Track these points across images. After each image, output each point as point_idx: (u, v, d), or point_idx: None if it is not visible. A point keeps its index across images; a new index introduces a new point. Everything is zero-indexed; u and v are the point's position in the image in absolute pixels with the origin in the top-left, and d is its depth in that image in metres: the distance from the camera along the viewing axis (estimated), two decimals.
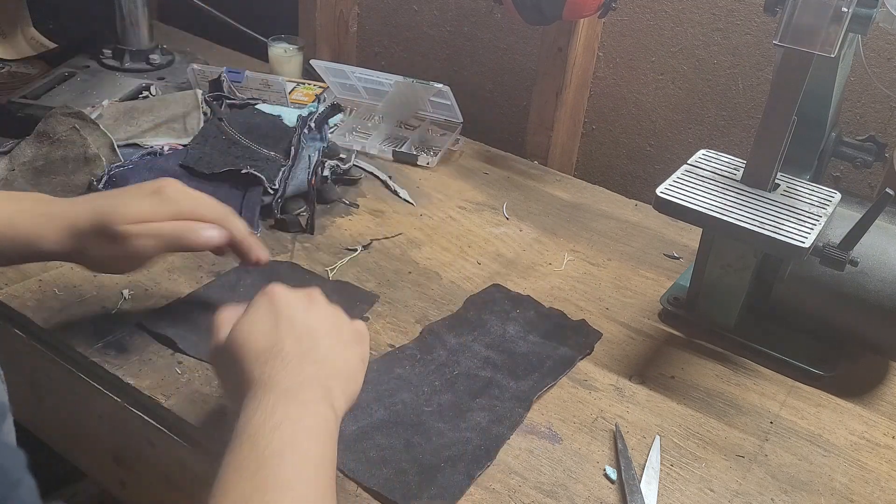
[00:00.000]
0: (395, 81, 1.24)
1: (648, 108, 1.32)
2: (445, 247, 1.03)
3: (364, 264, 0.98)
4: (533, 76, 1.32)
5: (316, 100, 1.23)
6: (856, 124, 1.15)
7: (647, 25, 1.27)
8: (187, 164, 1.02)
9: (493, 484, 0.71)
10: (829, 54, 0.76)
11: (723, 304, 0.91)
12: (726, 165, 0.90)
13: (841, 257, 0.79)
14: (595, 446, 0.76)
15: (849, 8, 0.75)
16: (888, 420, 0.84)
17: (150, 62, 1.33)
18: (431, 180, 1.18)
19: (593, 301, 0.96)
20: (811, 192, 0.86)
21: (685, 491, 0.73)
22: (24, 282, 0.87)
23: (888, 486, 0.76)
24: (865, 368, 0.90)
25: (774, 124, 0.82)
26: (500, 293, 0.95)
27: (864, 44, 1.06)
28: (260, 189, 1.02)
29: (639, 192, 1.33)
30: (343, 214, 1.07)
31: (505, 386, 0.81)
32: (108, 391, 0.78)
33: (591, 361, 0.87)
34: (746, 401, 0.84)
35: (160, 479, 0.79)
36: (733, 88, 1.23)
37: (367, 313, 0.89)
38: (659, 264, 1.04)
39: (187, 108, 1.14)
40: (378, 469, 0.70)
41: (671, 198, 0.83)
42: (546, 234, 1.08)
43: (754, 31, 1.18)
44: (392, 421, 0.75)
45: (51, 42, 1.41)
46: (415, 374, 0.81)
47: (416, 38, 1.52)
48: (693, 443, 0.78)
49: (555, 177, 1.24)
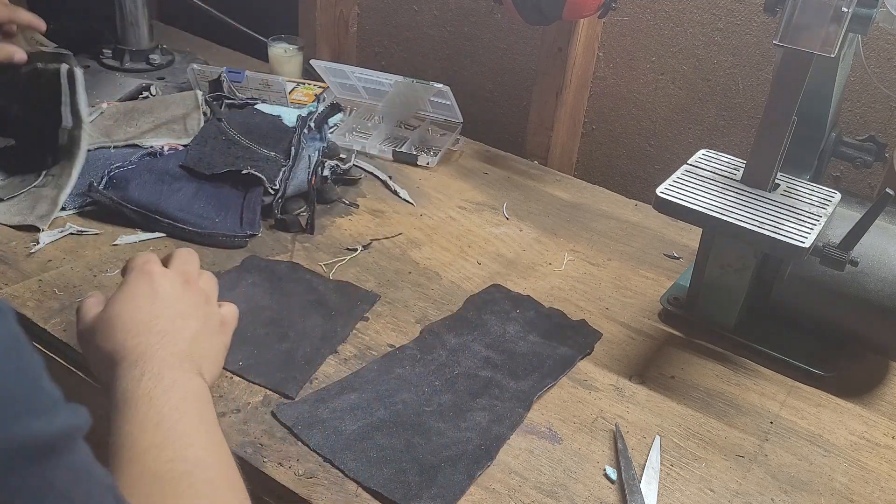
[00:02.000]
0: (395, 81, 1.24)
1: (648, 108, 1.32)
2: (445, 247, 1.03)
3: (364, 264, 0.98)
4: (533, 76, 1.32)
5: (316, 100, 1.23)
6: (856, 124, 1.15)
7: (647, 25, 1.27)
8: (187, 165, 1.02)
9: (493, 484, 0.71)
10: (829, 54, 0.76)
11: (723, 304, 0.91)
12: (726, 165, 0.90)
13: (841, 257, 0.79)
14: (595, 446, 0.76)
15: (849, 8, 0.75)
16: (888, 420, 0.84)
17: (150, 62, 1.33)
18: (431, 180, 1.18)
19: (593, 301, 0.96)
20: (811, 192, 0.86)
21: (685, 491, 0.73)
22: (25, 282, 0.87)
23: (888, 486, 0.76)
24: (865, 368, 0.90)
25: (774, 124, 0.82)
26: (500, 293, 0.95)
27: (864, 44, 1.06)
28: (261, 189, 1.02)
29: (639, 192, 1.33)
30: (343, 214, 1.07)
31: (505, 386, 0.81)
32: None
33: (591, 361, 0.87)
34: (746, 401, 0.84)
35: None
36: (733, 88, 1.23)
37: (367, 313, 0.90)
38: (659, 264, 1.04)
39: (187, 109, 1.14)
40: (378, 469, 0.70)
41: (671, 198, 0.83)
42: (546, 234, 1.08)
43: (754, 31, 1.18)
44: (392, 421, 0.75)
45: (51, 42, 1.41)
46: (415, 374, 0.81)
47: (416, 38, 1.52)
48: (693, 443, 0.78)
49: (555, 177, 1.24)
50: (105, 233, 0.97)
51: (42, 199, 0.98)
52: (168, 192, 0.99)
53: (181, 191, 1.00)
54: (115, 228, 0.97)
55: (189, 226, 0.97)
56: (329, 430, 0.73)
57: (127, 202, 0.97)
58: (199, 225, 0.97)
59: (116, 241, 0.95)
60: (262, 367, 0.80)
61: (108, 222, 0.98)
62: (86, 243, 0.94)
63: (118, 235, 0.96)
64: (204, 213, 0.99)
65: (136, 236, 0.97)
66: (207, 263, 0.94)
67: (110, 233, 0.97)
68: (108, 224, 0.98)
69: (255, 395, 0.77)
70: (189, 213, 0.98)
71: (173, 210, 0.97)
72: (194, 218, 0.97)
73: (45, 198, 0.98)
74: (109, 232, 0.97)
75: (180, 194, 0.99)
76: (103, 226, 0.98)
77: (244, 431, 0.73)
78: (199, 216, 0.98)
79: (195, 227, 0.97)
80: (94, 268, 0.91)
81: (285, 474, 0.69)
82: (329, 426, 0.74)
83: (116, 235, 0.96)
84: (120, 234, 0.97)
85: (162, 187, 0.99)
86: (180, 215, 0.97)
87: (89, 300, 0.70)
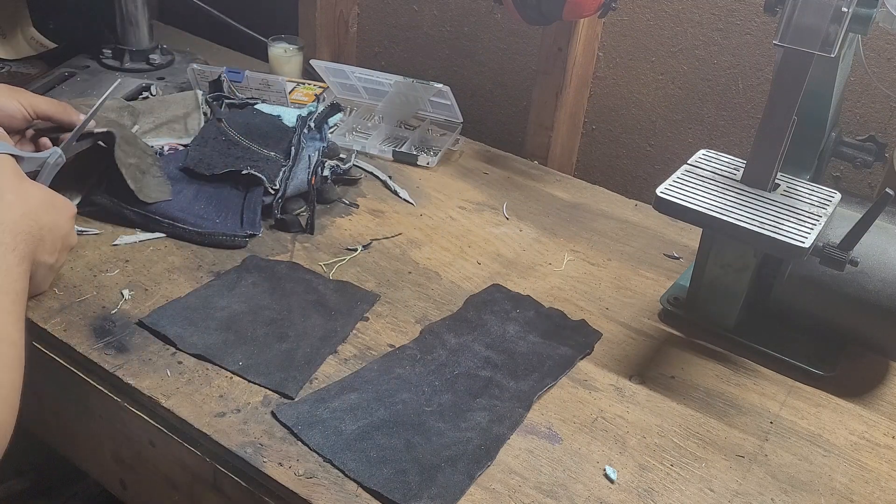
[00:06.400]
0: (395, 81, 1.24)
1: (648, 108, 1.32)
2: (445, 247, 1.03)
3: (364, 264, 0.98)
4: (533, 76, 1.32)
5: (316, 100, 1.23)
6: (856, 124, 1.15)
7: (647, 25, 1.27)
8: (188, 166, 1.02)
9: (493, 484, 0.71)
10: (829, 54, 0.76)
11: (723, 304, 0.91)
12: (726, 165, 0.90)
13: (841, 257, 0.79)
14: (595, 446, 0.76)
15: (849, 8, 0.75)
16: (888, 420, 0.84)
17: (150, 62, 1.33)
18: (431, 180, 1.18)
19: (593, 301, 0.96)
20: (811, 192, 0.86)
21: (685, 491, 0.73)
22: None
23: (888, 486, 0.76)
24: (865, 368, 0.90)
25: (774, 124, 0.82)
26: (500, 293, 0.95)
27: (864, 44, 1.06)
28: (261, 189, 1.02)
29: (639, 192, 1.33)
30: (343, 214, 1.07)
31: (505, 386, 0.81)
32: (108, 391, 0.78)
33: (591, 361, 0.87)
34: (746, 401, 0.84)
35: (160, 479, 0.79)
36: (733, 88, 1.23)
37: (367, 313, 0.90)
38: (659, 264, 1.04)
39: (188, 109, 1.13)
40: (378, 469, 0.70)
41: (671, 198, 0.83)
42: (546, 234, 1.08)
43: (754, 31, 1.18)
44: (392, 421, 0.75)
45: (51, 42, 1.41)
46: (415, 374, 0.81)
47: (416, 38, 1.52)
48: (693, 443, 0.78)
49: (555, 177, 1.24)
50: (105, 233, 0.97)
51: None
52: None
53: (181, 192, 1.00)
54: (115, 228, 0.97)
55: (189, 226, 0.97)
56: (329, 430, 0.73)
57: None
58: (199, 225, 0.97)
59: (116, 241, 0.95)
60: (262, 367, 0.80)
61: (107, 222, 0.98)
62: (85, 243, 0.94)
63: (118, 235, 0.96)
64: (204, 213, 0.99)
65: (136, 236, 0.97)
66: (208, 263, 0.94)
67: (110, 233, 0.97)
68: (107, 224, 0.98)
69: (255, 395, 0.77)
70: (189, 213, 0.98)
71: (173, 210, 0.97)
72: (194, 218, 0.97)
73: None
74: (109, 232, 0.97)
75: (181, 196, 0.99)
76: (103, 226, 0.98)
77: (244, 431, 0.73)
78: (200, 216, 0.98)
79: (195, 227, 0.97)
80: (93, 268, 0.91)
81: (285, 474, 0.69)
82: (329, 426, 0.74)
83: (116, 235, 0.96)
84: (120, 234, 0.97)
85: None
86: (180, 215, 0.97)
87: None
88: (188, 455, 0.75)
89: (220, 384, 0.78)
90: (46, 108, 0.93)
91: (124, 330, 0.83)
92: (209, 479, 0.74)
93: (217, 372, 0.79)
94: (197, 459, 0.74)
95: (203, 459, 0.74)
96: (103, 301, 0.86)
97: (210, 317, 0.85)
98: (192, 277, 0.92)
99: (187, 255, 0.95)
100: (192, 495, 0.77)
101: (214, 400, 0.76)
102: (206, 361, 0.80)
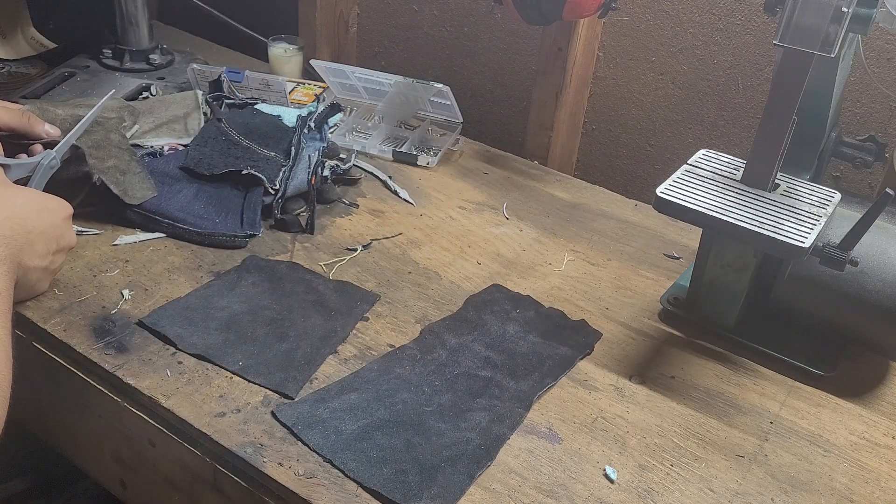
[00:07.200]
0: (395, 81, 1.24)
1: (648, 108, 1.32)
2: (445, 247, 1.03)
3: (364, 264, 0.98)
4: (533, 76, 1.32)
5: (316, 100, 1.23)
6: (856, 124, 1.15)
7: (647, 25, 1.27)
8: (188, 166, 1.02)
9: (493, 484, 0.71)
10: (829, 54, 0.76)
11: (723, 304, 0.91)
12: (726, 165, 0.90)
13: (841, 257, 0.79)
14: (595, 446, 0.76)
15: (849, 8, 0.75)
16: (888, 420, 0.84)
17: (150, 62, 1.33)
18: (431, 180, 1.18)
19: (593, 301, 0.96)
20: (811, 192, 0.86)
21: (685, 491, 0.73)
22: None
23: (888, 486, 0.76)
24: (865, 368, 0.90)
25: (774, 124, 0.82)
26: (500, 293, 0.95)
27: (864, 44, 1.06)
28: (261, 189, 1.02)
29: (639, 192, 1.33)
30: (343, 214, 1.07)
31: (505, 386, 0.81)
32: (108, 391, 0.78)
33: (591, 361, 0.87)
34: (746, 401, 0.84)
35: (160, 479, 0.79)
36: (733, 88, 1.23)
37: (367, 313, 0.90)
38: (659, 264, 1.04)
39: (188, 109, 1.13)
40: (378, 469, 0.70)
41: (671, 198, 0.83)
42: (546, 234, 1.08)
43: (754, 31, 1.18)
44: (392, 421, 0.75)
45: (51, 42, 1.41)
46: (415, 374, 0.81)
47: (416, 38, 1.52)
48: (693, 443, 0.78)
49: (555, 177, 1.24)
50: (105, 233, 0.97)
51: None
52: (168, 194, 0.99)
53: (181, 192, 1.00)
54: (115, 228, 0.97)
55: (189, 226, 0.97)
56: (329, 430, 0.73)
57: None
58: (199, 225, 0.97)
59: (116, 241, 0.95)
60: (262, 367, 0.80)
61: (107, 222, 0.98)
62: (85, 243, 0.94)
63: (118, 235, 0.96)
64: (204, 213, 0.99)
65: (136, 236, 0.97)
66: (208, 263, 0.94)
67: (110, 233, 0.97)
68: (107, 224, 0.98)
69: (255, 395, 0.77)
70: (189, 213, 0.98)
71: (173, 210, 0.97)
72: (194, 218, 0.97)
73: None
74: (109, 232, 0.97)
75: (181, 195, 0.99)
76: (103, 226, 0.98)
77: (244, 431, 0.73)
78: (200, 216, 0.98)
79: (195, 227, 0.97)
80: (93, 268, 0.91)
81: (285, 474, 0.69)
82: (329, 426, 0.74)
83: (116, 235, 0.96)
84: (120, 234, 0.97)
85: (162, 189, 0.99)
86: (180, 215, 0.97)
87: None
88: (188, 455, 0.75)
89: (220, 384, 0.78)
90: (9, 120, 0.92)
91: (124, 330, 0.83)
92: (209, 479, 0.74)
93: (217, 372, 0.79)
94: (197, 459, 0.74)
95: (203, 459, 0.74)
96: (103, 301, 0.86)
97: (210, 317, 0.85)
98: (192, 277, 0.92)
99: (187, 255, 0.95)
100: (192, 495, 0.77)
101: (214, 400, 0.76)
102: (206, 361, 0.80)
